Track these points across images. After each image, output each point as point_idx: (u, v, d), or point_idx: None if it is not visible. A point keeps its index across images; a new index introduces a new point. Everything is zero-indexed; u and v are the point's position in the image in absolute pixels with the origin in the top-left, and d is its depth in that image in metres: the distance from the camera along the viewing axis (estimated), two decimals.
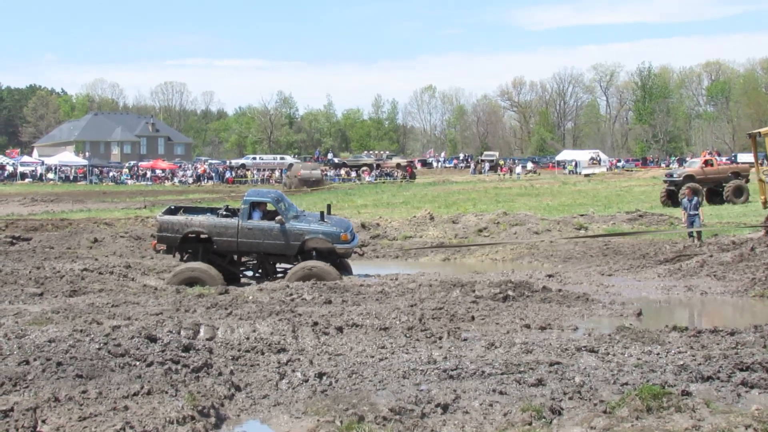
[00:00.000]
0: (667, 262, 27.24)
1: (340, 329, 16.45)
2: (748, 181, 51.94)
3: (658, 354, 14.10)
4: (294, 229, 25.75)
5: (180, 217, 26.15)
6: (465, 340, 15.86)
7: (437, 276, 24.95)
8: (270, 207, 26.57)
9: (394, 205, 56.84)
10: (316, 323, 16.67)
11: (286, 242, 25.73)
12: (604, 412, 11.02)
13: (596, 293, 22.11)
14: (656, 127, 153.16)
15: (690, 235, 31.75)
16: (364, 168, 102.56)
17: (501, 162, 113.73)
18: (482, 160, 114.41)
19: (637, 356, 14.02)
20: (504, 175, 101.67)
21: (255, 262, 26.79)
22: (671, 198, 50.58)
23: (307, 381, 12.82)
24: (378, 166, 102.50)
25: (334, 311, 18.58)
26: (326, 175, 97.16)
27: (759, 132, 29.72)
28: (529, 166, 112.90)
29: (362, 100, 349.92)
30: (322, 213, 26.88)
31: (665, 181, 53.64)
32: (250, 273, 27.02)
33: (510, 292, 20.71)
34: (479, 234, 36.91)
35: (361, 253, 32.31)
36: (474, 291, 20.94)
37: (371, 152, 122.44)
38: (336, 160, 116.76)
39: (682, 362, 13.29)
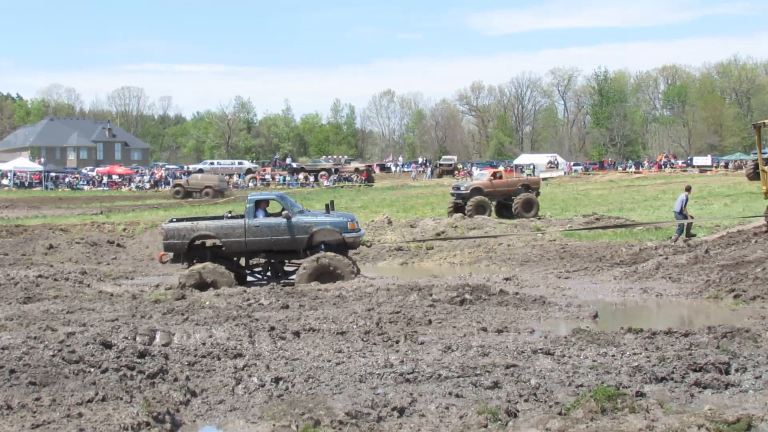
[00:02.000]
0: (623, 265, 27.41)
1: (297, 334, 16.43)
2: (538, 194, 51.37)
3: (613, 356, 14.16)
4: (301, 223, 25.91)
5: (186, 223, 26.35)
6: (422, 343, 15.85)
7: (395, 280, 24.97)
8: (274, 205, 27.02)
9: (352, 210, 56.78)
10: (272, 328, 16.65)
11: (294, 236, 25.89)
12: (560, 413, 11.07)
13: (553, 296, 22.18)
14: (613, 131, 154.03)
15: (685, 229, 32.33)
16: (323, 172, 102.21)
17: (459, 166, 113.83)
18: (439, 164, 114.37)
19: (592, 358, 14.07)
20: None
21: (263, 263, 26.90)
22: (458, 211, 48.79)
23: (263, 386, 12.76)
24: (336, 170, 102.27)
25: (291, 316, 18.57)
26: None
27: (764, 122, 29.68)
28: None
29: (321, 104, 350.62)
30: (327, 206, 27.03)
31: (452, 194, 52.11)
32: (259, 276, 27.05)
33: (467, 296, 20.73)
34: (437, 238, 36.97)
35: (369, 245, 32.45)
36: (431, 295, 20.96)
37: (330, 157, 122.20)
38: (294, 164, 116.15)
39: (636, 364, 13.36)
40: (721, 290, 21.64)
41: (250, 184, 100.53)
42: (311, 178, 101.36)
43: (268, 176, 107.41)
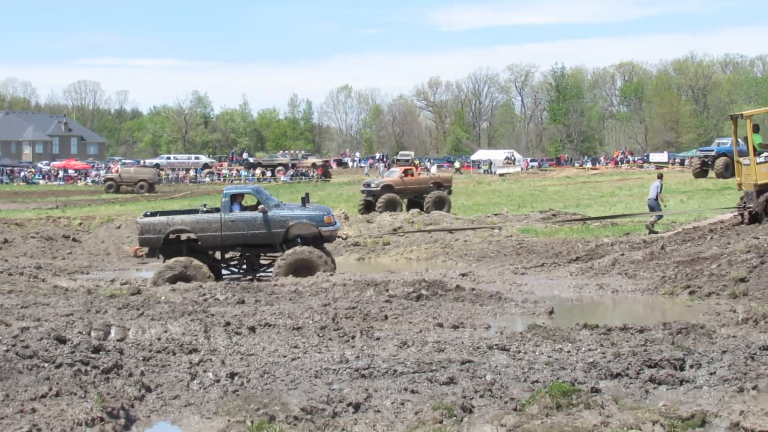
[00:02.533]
0: (579, 261, 27.50)
1: (252, 329, 16.35)
2: (450, 192, 51.54)
3: (568, 352, 14.21)
4: (277, 217, 25.89)
5: (162, 218, 26.17)
6: (378, 339, 15.83)
7: (351, 275, 24.95)
8: (249, 199, 27.02)
9: None
10: (228, 323, 16.55)
11: (270, 231, 25.80)
12: (515, 409, 11.09)
13: (509, 292, 22.20)
14: (570, 127, 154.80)
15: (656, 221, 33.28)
16: (280, 168, 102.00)
17: (416, 161, 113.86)
18: (396, 160, 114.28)
19: (548, 354, 14.12)
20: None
21: (239, 256, 26.84)
22: (369, 209, 48.86)
23: (218, 381, 12.73)
24: (293, 165, 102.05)
25: (246, 311, 18.48)
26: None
27: (741, 114, 29.85)
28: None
29: (278, 99, 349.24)
30: (303, 199, 27.09)
31: (363, 191, 52.19)
32: (235, 270, 26.97)
33: (423, 291, 20.69)
34: (394, 233, 36.99)
35: (345, 238, 32.42)
36: (388, 290, 20.91)
37: (287, 152, 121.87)
38: (251, 159, 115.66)
39: (592, 360, 13.42)
40: (676, 286, 21.75)
41: (207, 179, 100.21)
42: (268, 173, 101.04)
43: (225, 171, 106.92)
